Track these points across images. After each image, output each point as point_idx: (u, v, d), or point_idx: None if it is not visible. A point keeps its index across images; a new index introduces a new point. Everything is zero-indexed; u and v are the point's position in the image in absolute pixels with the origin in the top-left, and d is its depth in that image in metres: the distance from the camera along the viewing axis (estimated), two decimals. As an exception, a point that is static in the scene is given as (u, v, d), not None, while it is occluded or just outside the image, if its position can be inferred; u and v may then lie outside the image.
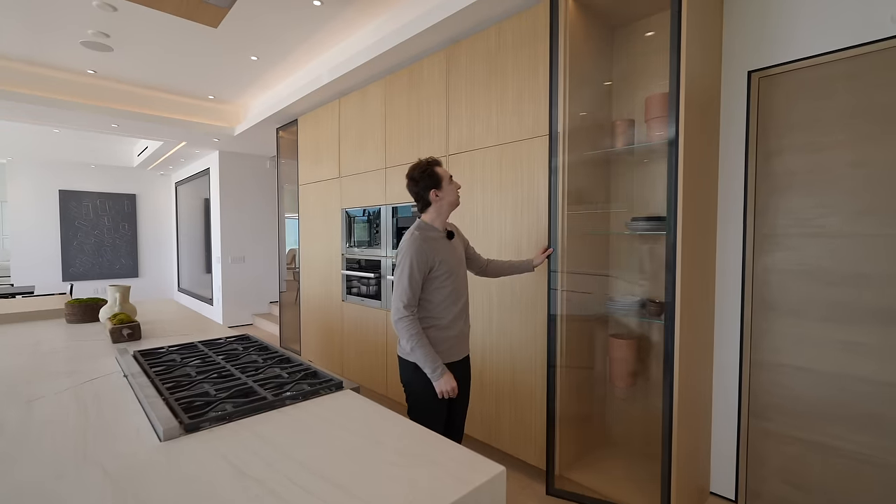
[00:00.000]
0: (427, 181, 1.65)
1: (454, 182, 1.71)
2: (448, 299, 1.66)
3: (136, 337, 1.95)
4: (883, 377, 1.68)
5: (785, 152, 1.88)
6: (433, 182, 1.65)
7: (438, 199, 1.67)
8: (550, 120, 2.05)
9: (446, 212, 1.70)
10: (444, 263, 1.64)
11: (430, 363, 1.58)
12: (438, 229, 1.70)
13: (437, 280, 1.64)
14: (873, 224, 1.68)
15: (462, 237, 1.88)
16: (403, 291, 1.59)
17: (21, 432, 1.05)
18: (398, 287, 1.61)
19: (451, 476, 0.87)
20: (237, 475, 0.86)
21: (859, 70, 1.70)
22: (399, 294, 1.60)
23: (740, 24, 1.97)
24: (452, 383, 1.60)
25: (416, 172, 1.67)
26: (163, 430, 1.01)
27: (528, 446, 2.27)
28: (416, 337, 1.58)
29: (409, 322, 1.58)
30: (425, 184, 1.65)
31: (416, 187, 1.68)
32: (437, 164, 1.69)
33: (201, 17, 2.30)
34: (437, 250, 1.64)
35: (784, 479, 1.93)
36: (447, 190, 1.67)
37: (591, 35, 2.17)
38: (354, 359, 3.54)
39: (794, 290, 1.87)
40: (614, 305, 2.12)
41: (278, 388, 1.30)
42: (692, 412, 1.88)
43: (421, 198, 1.69)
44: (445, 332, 1.67)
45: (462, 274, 1.74)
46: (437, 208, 1.68)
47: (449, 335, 1.67)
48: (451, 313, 1.67)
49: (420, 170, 1.66)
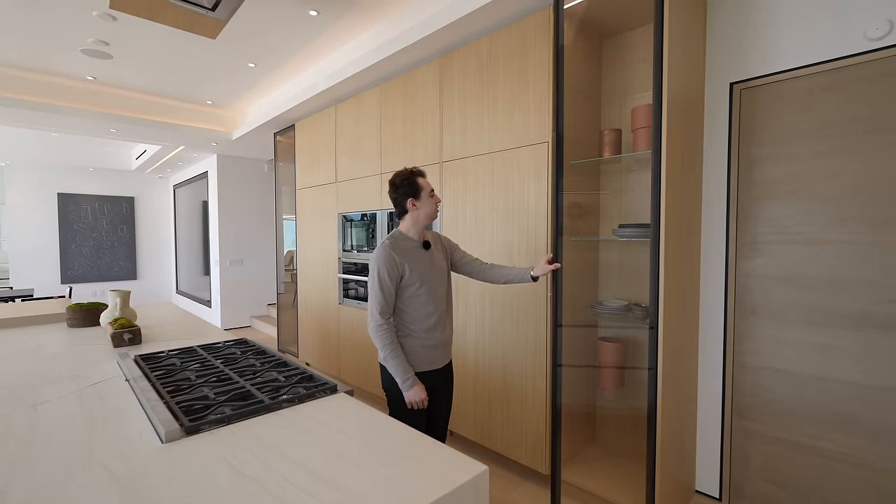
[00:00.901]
0: (406, 189, 1.67)
1: (434, 196, 1.72)
2: (423, 309, 1.67)
3: (137, 341, 2.01)
4: (857, 379, 1.75)
5: (766, 162, 1.95)
6: (412, 191, 1.67)
7: (415, 208, 1.68)
8: (556, 124, 2.10)
9: (423, 222, 1.71)
10: (416, 273, 1.65)
11: (401, 373, 1.61)
12: (414, 239, 1.71)
13: (410, 289, 1.65)
14: (847, 232, 1.75)
15: (446, 245, 1.86)
16: (377, 300, 1.62)
17: (29, 435, 1.10)
18: (371, 297, 1.64)
19: (437, 475, 0.92)
20: (235, 475, 0.92)
21: (835, 83, 1.77)
22: (373, 303, 1.63)
23: (723, 36, 2.04)
24: (422, 395, 1.62)
25: (397, 179, 1.69)
26: (164, 433, 1.06)
27: (519, 446, 2.33)
28: (389, 347, 1.61)
29: (384, 331, 1.61)
30: (404, 191, 1.67)
31: (395, 193, 1.70)
32: (419, 175, 1.71)
33: (200, 29, 2.35)
34: (409, 259, 1.65)
35: (766, 478, 1.99)
36: (425, 202, 1.69)
37: (580, 46, 2.23)
38: (351, 361, 3.60)
39: (774, 295, 1.94)
40: (602, 309, 2.18)
41: (275, 392, 1.35)
42: (676, 413, 1.94)
43: (399, 204, 1.70)
44: (423, 341, 1.68)
45: (440, 283, 1.73)
46: (413, 217, 1.70)
47: (427, 344, 1.69)
48: (428, 323, 1.68)
49: (402, 177, 1.69)
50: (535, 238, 2.20)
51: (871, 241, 1.70)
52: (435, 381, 1.74)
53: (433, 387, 1.73)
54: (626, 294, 2.33)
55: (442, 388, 1.79)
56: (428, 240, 1.76)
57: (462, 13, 2.23)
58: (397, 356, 1.61)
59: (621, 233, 2.05)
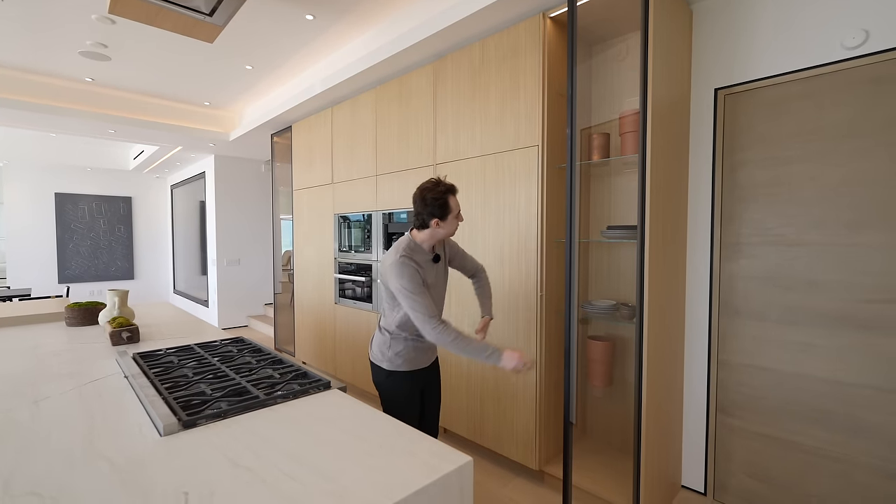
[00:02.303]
0: (435, 209, 1.60)
1: (459, 216, 1.68)
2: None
3: (135, 340, 2.05)
4: (834, 376, 1.81)
5: (748, 165, 2.01)
6: (441, 212, 1.61)
7: (437, 227, 1.64)
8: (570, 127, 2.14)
9: (439, 240, 1.71)
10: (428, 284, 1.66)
11: (482, 352, 1.54)
12: (426, 252, 1.69)
13: None
14: (825, 234, 1.81)
15: (448, 251, 1.86)
16: (421, 306, 1.55)
17: (33, 429, 1.15)
18: (414, 306, 1.55)
19: (424, 465, 0.97)
20: (231, 465, 0.97)
21: (814, 90, 1.83)
22: (419, 311, 1.55)
23: (708, 44, 2.10)
24: (515, 356, 1.53)
25: (428, 195, 1.60)
26: (163, 426, 1.11)
27: (510, 443, 2.38)
28: (458, 340, 1.53)
29: (442, 330, 1.54)
30: (431, 211, 1.60)
31: (425, 209, 1.61)
32: (452, 193, 1.64)
33: (198, 34, 2.39)
34: (425, 270, 1.65)
35: (749, 473, 2.05)
36: (449, 223, 1.65)
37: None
38: (347, 360, 3.64)
39: (756, 295, 2.00)
40: (591, 309, 2.24)
41: (270, 388, 1.40)
42: (662, 410, 2.00)
43: (422, 220, 1.64)
44: (416, 343, 1.74)
45: (441, 292, 1.78)
46: (431, 234, 1.65)
47: (424, 346, 1.76)
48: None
49: (432, 193, 1.60)
50: (526, 239, 2.25)
51: (849, 242, 1.76)
52: (424, 378, 1.81)
53: (423, 384, 1.81)
54: (615, 294, 2.38)
55: (431, 384, 1.87)
56: (438, 253, 1.76)
57: (455, 19, 2.28)
58: (469, 342, 1.55)
59: (609, 234, 2.11)
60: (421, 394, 1.82)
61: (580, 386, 2.54)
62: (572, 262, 1.89)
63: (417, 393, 1.79)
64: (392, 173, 3.07)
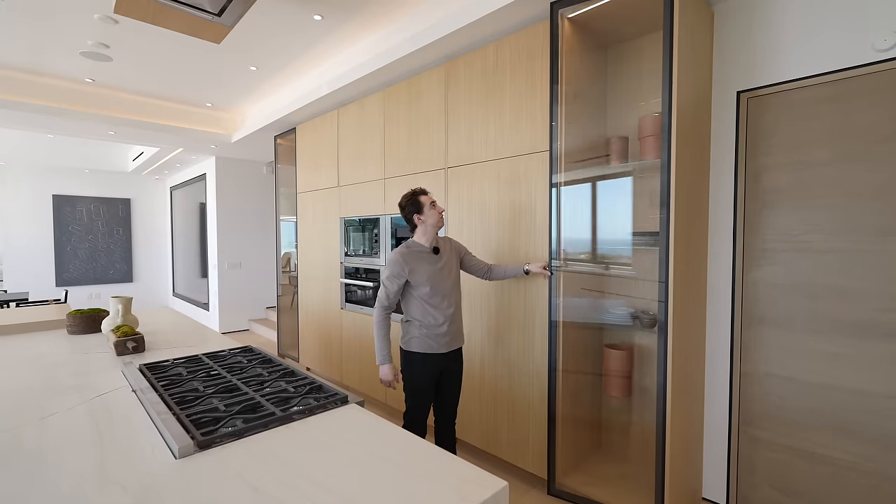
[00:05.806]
0: (411, 207, 2.00)
1: (436, 207, 2.01)
2: (430, 302, 1.97)
3: (141, 349, 1.98)
4: (860, 386, 1.76)
5: (772, 170, 1.96)
6: (416, 208, 1.99)
7: (421, 221, 2.00)
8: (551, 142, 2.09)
9: (432, 231, 2.02)
10: (423, 274, 1.96)
11: (377, 353, 1.97)
12: (425, 245, 2.02)
13: (419, 287, 1.97)
14: (853, 240, 1.76)
15: (456, 249, 2.14)
16: (384, 293, 1.99)
17: (40, 452, 1.08)
18: (381, 290, 2.01)
19: (456, 493, 0.91)
20: (252, 491, 0.90)
21: (841, 93, 1.78)
22: (381, 296, 2.00)
23: (730, 45, 2.05)
24: (389, 377, 1.98)
25: (402, 201, 2.04)
26: (178, 448, 1.05)
27: (526, 454, 2.32)
28: (379, 331, 1.98)
29: (379, 316, 1.99)
30: (409, 210, 2.01)
31: (403, 212, 2.03)
32: (421, 194, 2.02)
33: (206, 35, 2.33)
34: (417, 263, 1.97)
35: (772, 485, 1.99)
36: (428, 214, 1.99)
37: (585, 53, 2.23)
38: (354, 367, 3.57)
39: (780, 303, 1.94)
40: (609, 316, 2.18)
41: (285, 403, 1.34)
42: (685, 420, 1.95)
43: (409, 220, 2.03)
44: (434, 330, 1.99)
45: (447, 281, 2.01)
46: (422, 229, 2.02)
47: (437, 332, 1.99)
48: (436, 315, 1.98)
49: (406, 199, 2.03)
50: (543, 244, 2.19)
51: (878, 249, 1.71)
52: (439, 364, 2.01)
53: (441, 369, 2.03)
54: (634, 301, 2.32)
55: (448, 371, 2.05)
56: (438, 245, 2.05)
57: (469, 20, 2.23)
58: (381, 339, 1.98)
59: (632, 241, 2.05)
60: (438, 381, 2.04)
61: (598, 396, 2.48)
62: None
63: (432, 378, 2.01)
64: (402, 176, 3.01)
